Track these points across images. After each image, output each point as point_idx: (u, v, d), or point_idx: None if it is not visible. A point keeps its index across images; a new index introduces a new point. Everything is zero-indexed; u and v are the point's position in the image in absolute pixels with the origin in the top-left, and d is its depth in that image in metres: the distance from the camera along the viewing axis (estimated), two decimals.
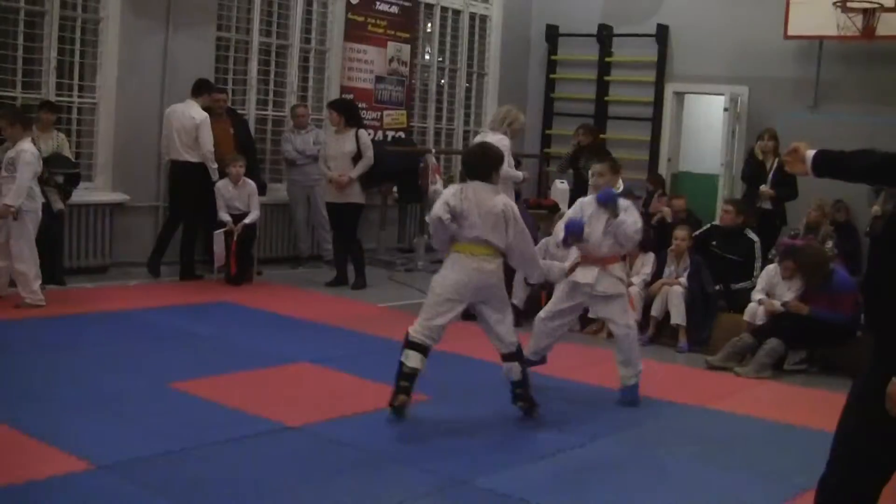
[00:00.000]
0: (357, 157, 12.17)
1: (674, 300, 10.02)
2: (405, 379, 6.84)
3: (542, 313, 8.21)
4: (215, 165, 11.86)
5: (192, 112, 11.73)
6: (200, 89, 11.92)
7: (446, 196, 6.91)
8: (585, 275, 7.80)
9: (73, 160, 11.33)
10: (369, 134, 13.31)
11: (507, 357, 7.10)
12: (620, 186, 8.30)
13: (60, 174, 10.98)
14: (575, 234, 7.70)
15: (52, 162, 10.87)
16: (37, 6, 11.36)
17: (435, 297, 6.92)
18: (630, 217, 7.69)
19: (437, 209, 6.87)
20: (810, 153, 4.33)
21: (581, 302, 8.07)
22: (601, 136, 15.22)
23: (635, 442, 6.83)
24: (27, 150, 9.66)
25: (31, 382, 7.23)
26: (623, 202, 7.80)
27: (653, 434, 7.08)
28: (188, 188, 11.84)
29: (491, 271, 6.89)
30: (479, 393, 7.74)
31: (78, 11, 11.75)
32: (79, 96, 11.90)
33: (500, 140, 10.27)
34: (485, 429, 6.89)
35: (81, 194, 11.49)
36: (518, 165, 12.47)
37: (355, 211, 12.34)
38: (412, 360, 6.85)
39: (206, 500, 5.27)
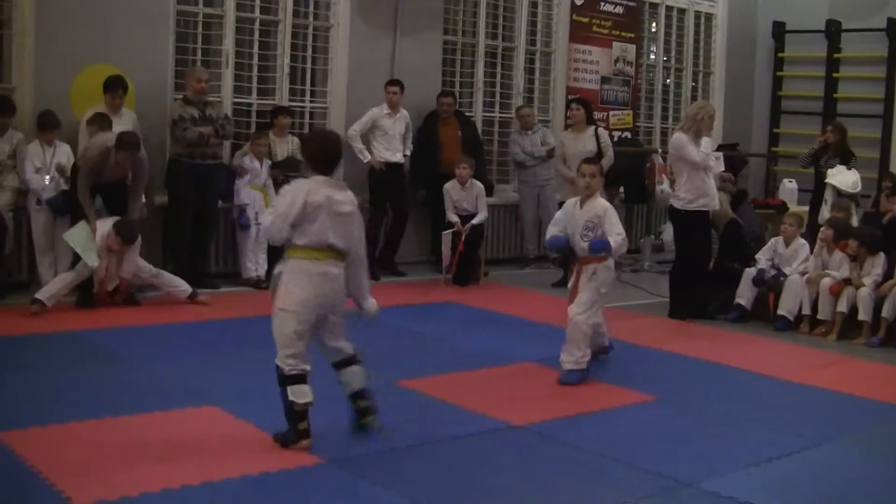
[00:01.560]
0: (597, 156, 12.17)
1: None
2: (302, 418, 5.92)
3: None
4: (358, 145, 11.95)
5: None
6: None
7: (299, 193, 5.88)
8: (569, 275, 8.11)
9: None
10: None
11: (349, 361, 6.13)
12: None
13: (295, 177, 11.29)
14: (557, 249, 8.12)
15: (286, 165, 11.22)
16: (270, 16, 11.74)
17: (284, 319, 5.89)
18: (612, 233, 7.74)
19: (285, 208, 5.86)
20: None
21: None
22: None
23: (864, 448, 6.54)
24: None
25: (264, 379, 7.40)
26: (601, 205, 7.86)
27: (883, 441, 6.80)
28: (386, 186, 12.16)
29: (338, 276, 5.97)
30: (705, 394, 7.60)
31: (309, 19, 12.11)
32: (310, 101, 12.24)
33: (676, 137, 10.18)
34: (709, 430, 6.74)
35: None
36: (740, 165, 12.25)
37: None
38: (302, 394, 5.89)
39: (432, 496, 5.32)
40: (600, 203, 7.84)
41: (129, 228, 9.51)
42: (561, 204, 12.41)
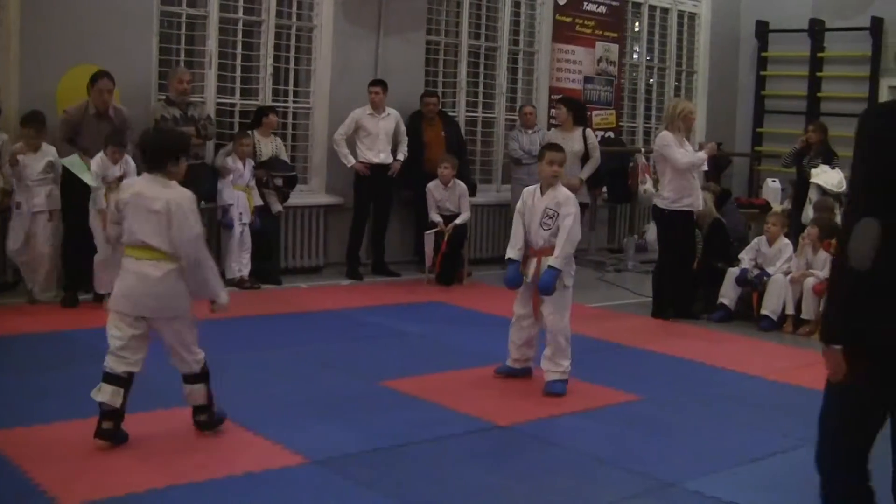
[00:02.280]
0: (584, 157, 12.17)
1: None
2: (105, 418, 5.79)
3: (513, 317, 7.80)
4: (342, 150, 11.92)
5: None
6: None
7: (121, 192, 5.92)
8: (527, 269, 7.56)
9: (290, 163, 11.65)
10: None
11: (188, 378, 6.02)
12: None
13: (279, 177, 11.32)
14: (512, 286, 7.67)
15: (270, 165, 11.23)
16: (254, 16, 11.75)
17: (109, 318, 5.85)
18: (565, 227, 7.39)
19: (111, 209, 5.94)
20: None
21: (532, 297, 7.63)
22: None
23: None
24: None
25: (248, 378, 7.46)
26: (562, 193, 7.52)
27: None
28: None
29: (157, 279, 5.73)
30: (689, 394, 7.63)
31: (292, 20, 12.12)
32: (294, 101, 12.25)
33: (662, 136, 10.21)
34: (694, 430, 6.77)
35: (296, 196, 11.82)
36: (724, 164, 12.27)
37: (581, 210, 12.35)
38: (102, 393, 5.77)
39: (416, 496, 5.32)
40: (563, 191, 7.53)
41: (119, 133, 9.50)
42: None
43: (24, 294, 9.72)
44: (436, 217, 11.88)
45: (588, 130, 12.63)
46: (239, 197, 10.97)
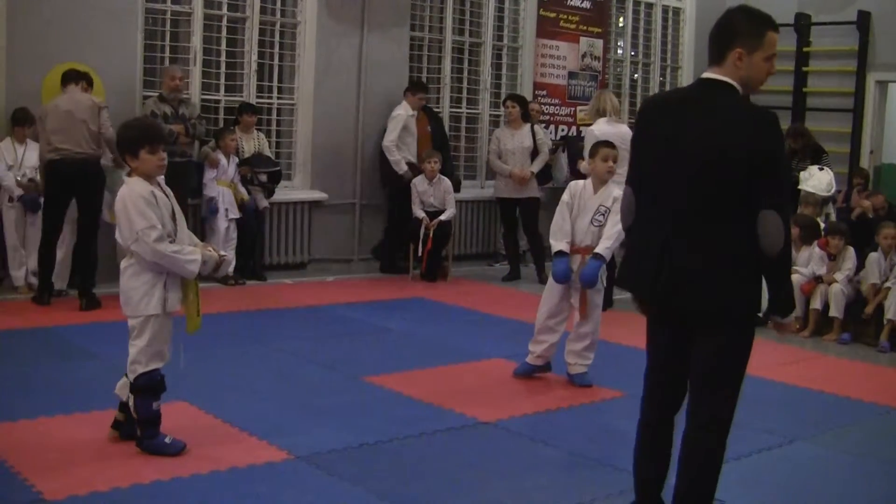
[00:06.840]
0: (534, 151, 12.24)
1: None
2: (119, 409, 5.92)
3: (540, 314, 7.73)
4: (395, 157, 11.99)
5: None
6: None
7: None
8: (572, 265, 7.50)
9: (273, 159, 11.66)
10: (562, 130, 13.37)
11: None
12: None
13: (263, 173, 11.34)
14: (562, 281, 7.52)
15: (254, 161, 11.25)
16: (238, 13, 11.75)
17: None
18: (615, 221, 7.29)
19: None
20: None
21: (568, 294, 7.61)
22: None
23: (836, 445, 6.60)
24: None
25: (233, 374, 7.49)
26: (617, 190, 7.18)
27: (855, 438, 6.86)
28: None
29: (121, 272, 5.72)
30: None
31: (276, 16, 12.10)
32: (278, 98, 12.26)
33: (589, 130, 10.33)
34: (679, 427, 6.80)
35: (281, 193, 11.83)
36: None
37: (535, 205, 12.43)
38: (119, 386, 5.88)
39: (400, 492, 5.35)
40: (616, 188, 7.24)
41: None
42: (504, 200, 12.53)
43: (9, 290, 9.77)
44: (419, 213, 11.89)
45: (537, 126, 12.71)
46: (223, 192, 10.98)
